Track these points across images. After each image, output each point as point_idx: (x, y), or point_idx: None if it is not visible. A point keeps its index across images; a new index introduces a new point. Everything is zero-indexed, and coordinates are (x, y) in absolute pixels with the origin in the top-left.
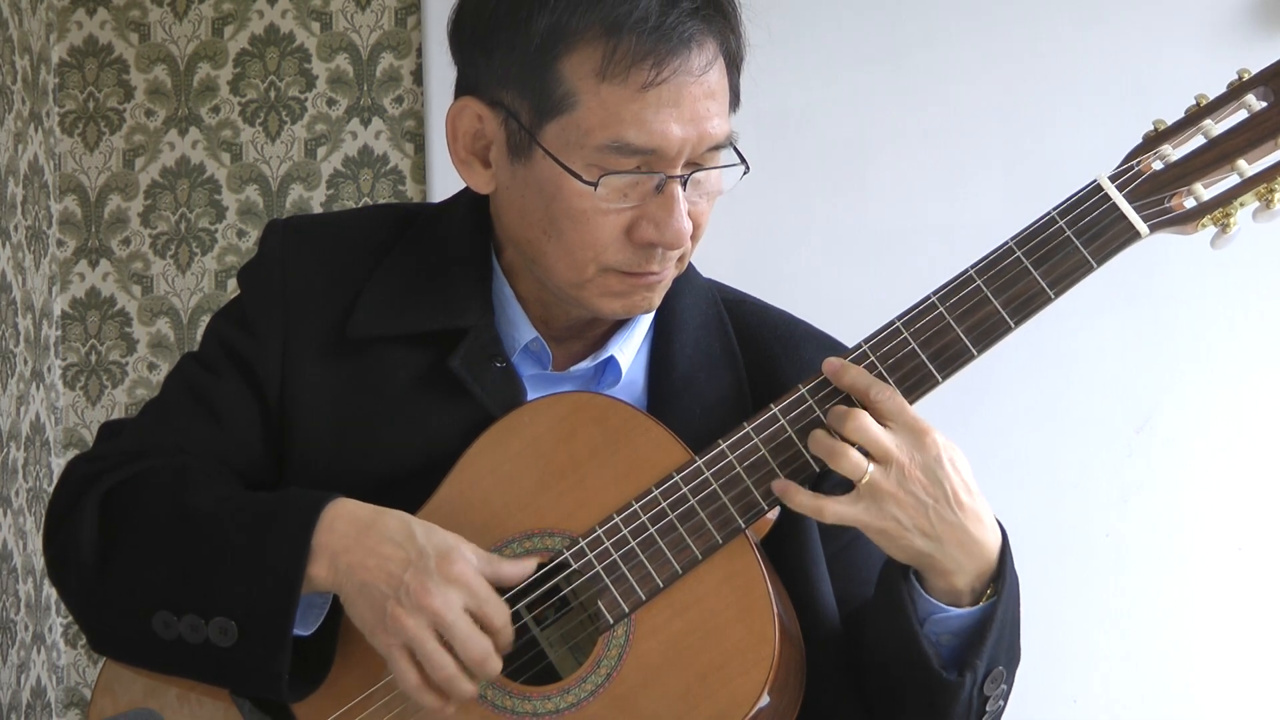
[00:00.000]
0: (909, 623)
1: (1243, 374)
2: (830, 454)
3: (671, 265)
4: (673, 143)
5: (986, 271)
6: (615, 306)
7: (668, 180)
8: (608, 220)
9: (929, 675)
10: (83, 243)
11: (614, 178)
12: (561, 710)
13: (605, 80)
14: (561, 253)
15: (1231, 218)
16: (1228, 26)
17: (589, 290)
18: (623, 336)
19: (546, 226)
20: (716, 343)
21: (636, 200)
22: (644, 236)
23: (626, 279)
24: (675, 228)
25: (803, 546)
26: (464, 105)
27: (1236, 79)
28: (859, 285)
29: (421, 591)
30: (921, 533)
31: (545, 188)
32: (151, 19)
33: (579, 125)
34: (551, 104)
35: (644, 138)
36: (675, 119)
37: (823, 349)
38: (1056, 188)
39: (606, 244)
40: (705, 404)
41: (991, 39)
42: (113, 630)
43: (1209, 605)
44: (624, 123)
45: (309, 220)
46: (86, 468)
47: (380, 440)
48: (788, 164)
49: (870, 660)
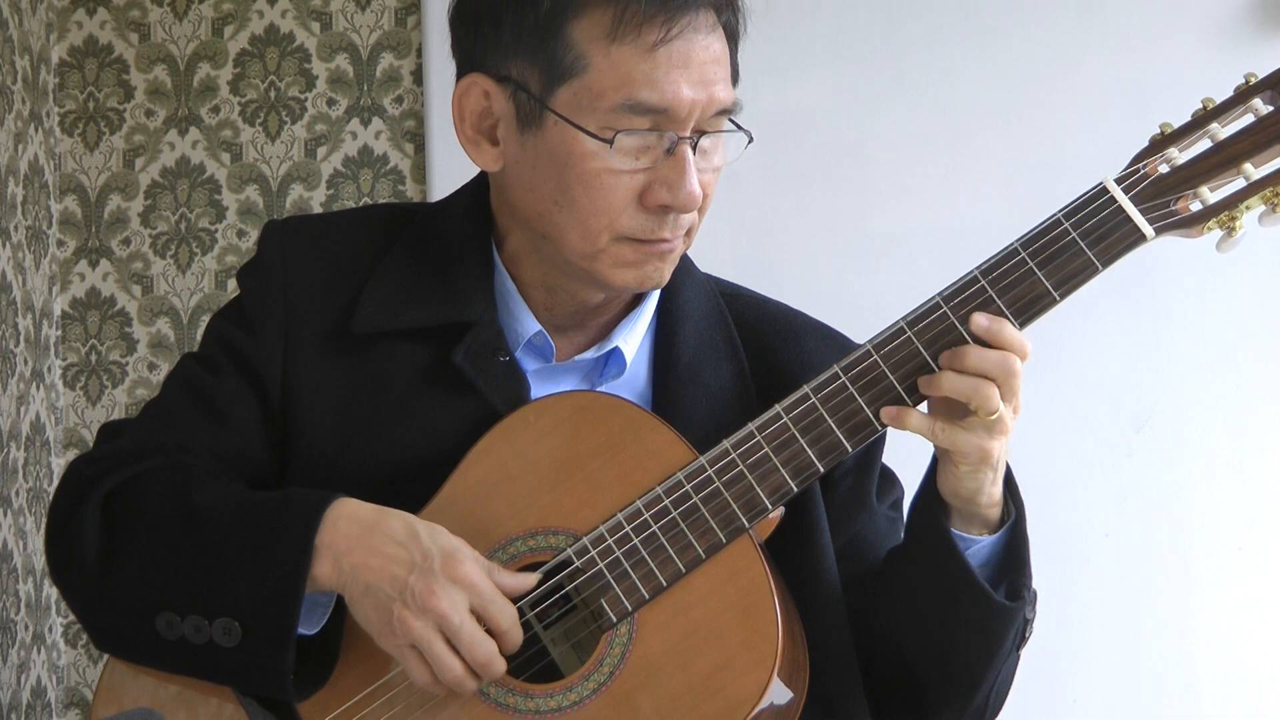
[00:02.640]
0: (960, 562)
1: (1243, 374)
2: (974, 391)
3: (681, 235)
4: (683, 103)
5: (991, 272)
6: (628, 278)
7: (679, 142)
8: (620, 183)
9: (987, 607)
10: (83, 243)
11: (627, 137)
12: (564, 708)
13: (616, 41)
14: (574, 222)
15: (1237, 221)
16: (1229, 27)
17: (602, 262)
18: (627, 327)
19: (558, 197)
20: (719, 334)
21: (648, 163)
22: (657, 199)
23: (639, 248)
24: (688, 189)
25: (810, 543)
26: (470, 83)
27: (1243, 83)
28: (859, 285)
29: (427, 594)
30: (995, 464)
31: (557, 154)
32: (151, 19)
33: (590, 88)
34: (562, 69)
35: (656, 96)
36: (685, 80)
37: (822, 340)
38: (1056, 188)
39: (620, 209)
40: (710, 395)
41: (992, 39)
42: (116, 631)
43: (1209, 605)
44: (636, 82)
45: (306, 220)
46: (87, 469)
47: (384, 436)
48: (788, 164)
49: (908, 612)
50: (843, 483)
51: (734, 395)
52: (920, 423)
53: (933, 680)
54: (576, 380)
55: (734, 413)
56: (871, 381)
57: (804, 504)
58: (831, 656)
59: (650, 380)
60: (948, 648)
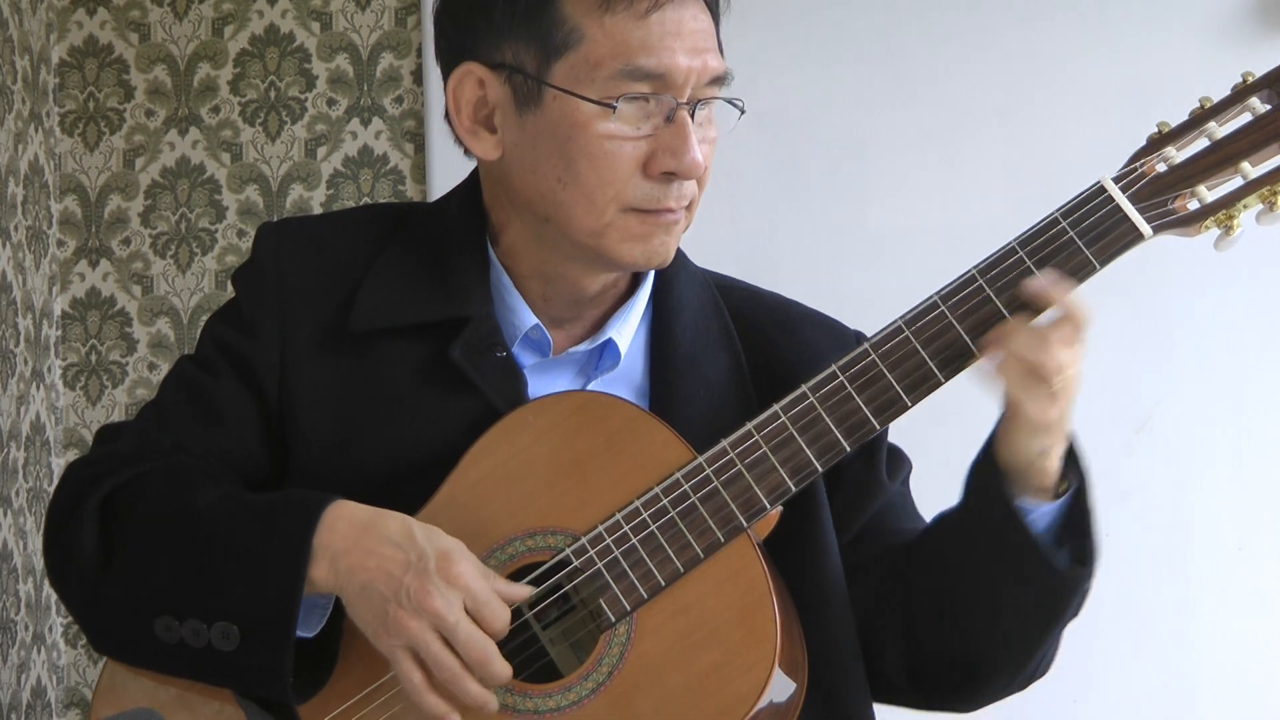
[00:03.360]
0: (1021, 528)
1: (1243, 374)
2: (1040, 347)
3: (684, 207)
4: (679, 69)
5: (989, 271)
6: (635, 252)
7: (678, 108)
8: (624, 151)
9: (1049, 574)
10: (83, 243)
11: (628, 103)
12: (563, 708)
13: (608, 11)
14: (580, 197)
15: (1235, 220)
16: (1227, 26)
17: (609, 237)
18: (620, 319)
19: (562, 173)
20: (714, 325)
21: (649, 130)
22: (660, 166)
23: (646, 219)
24: (691, 155)
25: (812, 539)
26: (465, 72)
27: (1241, 81)
28: (858, 285)
29: (422, 593)
30: (1058, 428)
31: (559, 129)
32: (151, 19)
33: (587, 59)
34: (556, 44)
35: (654, 61)
36: (680, 47)
37: (818, 328)
38: (1056, 187)
39: (625, 178)
40: (708, 385)
41: (991, 39)
42: (115, 634)
43: (1209, 605)
44: (632, 49)
45: (301, 221)
46: (85, 471)
47: (381, 436)
48: (788, 163)
49: (961, 582)
50: (850, 469)
51: (731, 385)
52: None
53: (983, 651)
54: (572, 373)
55: (732, 402)
56: (869, 381)
57: (807, 500)
58: (835, 653)
59: (647, 372)
60: (1004, 617)
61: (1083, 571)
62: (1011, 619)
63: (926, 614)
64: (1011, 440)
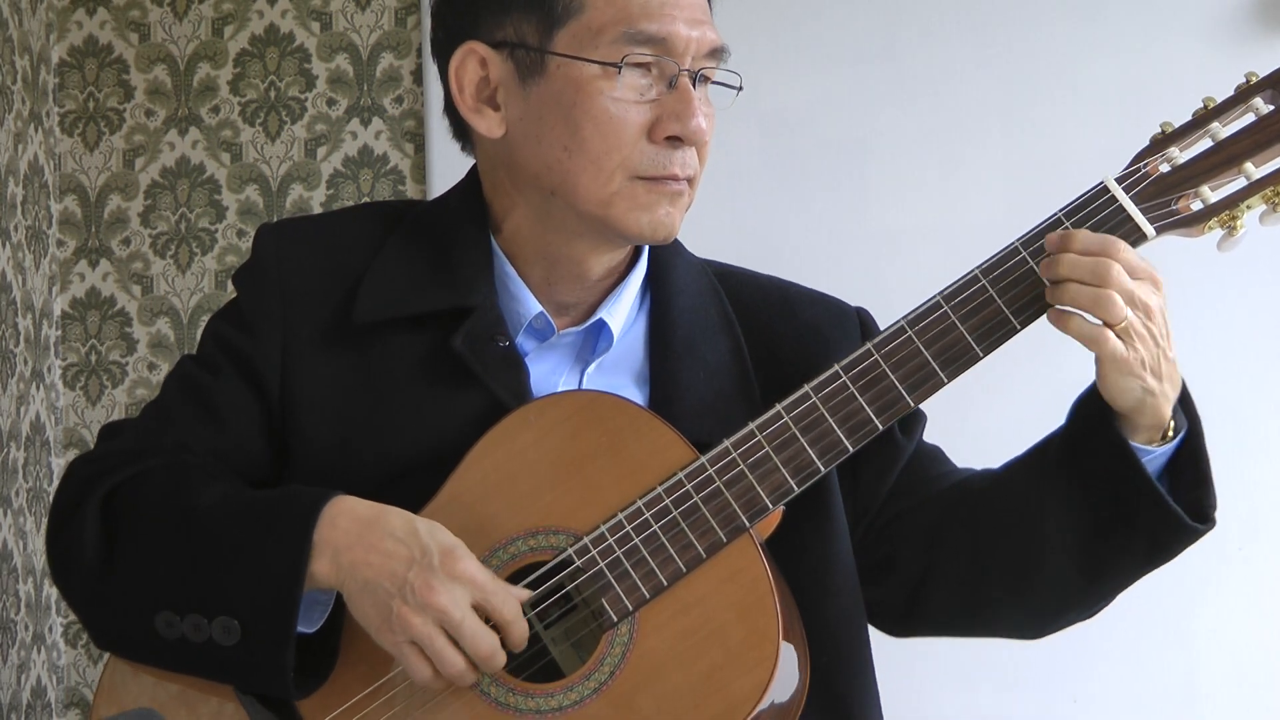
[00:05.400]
0: (1144, 479)
1: (1242, 374)
2: (1095, 302)
3: (687, 177)
4: (680, 37)
5: (992, 271)
6: (642, 222)
7: (680, 74)
8: (628, 115)
9: (1166, 521)
10: (83, 243)
11: (631, 68)
12: (564, 708)
13: None
14: (586, 164)
15: (1238, 220)
16: (1229, 26)
17: (617, 207)
18: (612, 301)
19: (568, 141)
20: (713, 309)
21: (654, 96)
22: (665, 130)
23: (652, 187)
24: (696, 120)
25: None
26: (466, 52)
27: (1244, 82)
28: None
29: (426, 589)
30: (1153, 372)
31: (564, 96)
32: (151, 19)
33: (589, 26)
34: (558, 14)
35: (656, 26)
36: (680, 16)
37: (818, 307)
38: (1058, 187)
39: (631, 143)
40: (708, 368)
41: (992, 39)
42: (116, 630)
43: (1209, 605)
44: (634, 14)
45: (299, 220)
46: (87, 469)
47: (384, 431)
48: (789, 163)
49: (1058, 522)
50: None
51: (731, 369)
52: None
53: (1055, 589)
54: (567, 356)
55: (731, 386)
56: (872, 381)
57: (817, 495)
58: (842, 650)
59: (647, 356)
60: (1099, 558)
61: (1203, 527)
62: (1106, 560)
63: (981, 553)
64: (1106, 382)
